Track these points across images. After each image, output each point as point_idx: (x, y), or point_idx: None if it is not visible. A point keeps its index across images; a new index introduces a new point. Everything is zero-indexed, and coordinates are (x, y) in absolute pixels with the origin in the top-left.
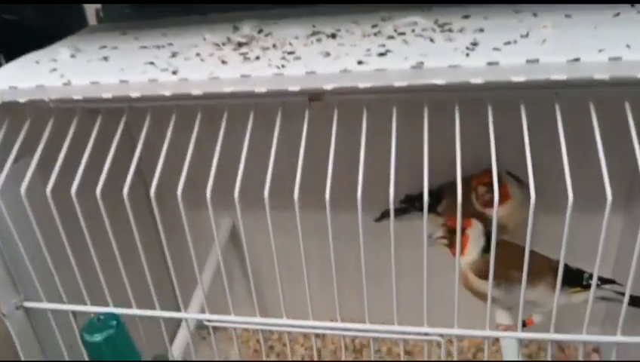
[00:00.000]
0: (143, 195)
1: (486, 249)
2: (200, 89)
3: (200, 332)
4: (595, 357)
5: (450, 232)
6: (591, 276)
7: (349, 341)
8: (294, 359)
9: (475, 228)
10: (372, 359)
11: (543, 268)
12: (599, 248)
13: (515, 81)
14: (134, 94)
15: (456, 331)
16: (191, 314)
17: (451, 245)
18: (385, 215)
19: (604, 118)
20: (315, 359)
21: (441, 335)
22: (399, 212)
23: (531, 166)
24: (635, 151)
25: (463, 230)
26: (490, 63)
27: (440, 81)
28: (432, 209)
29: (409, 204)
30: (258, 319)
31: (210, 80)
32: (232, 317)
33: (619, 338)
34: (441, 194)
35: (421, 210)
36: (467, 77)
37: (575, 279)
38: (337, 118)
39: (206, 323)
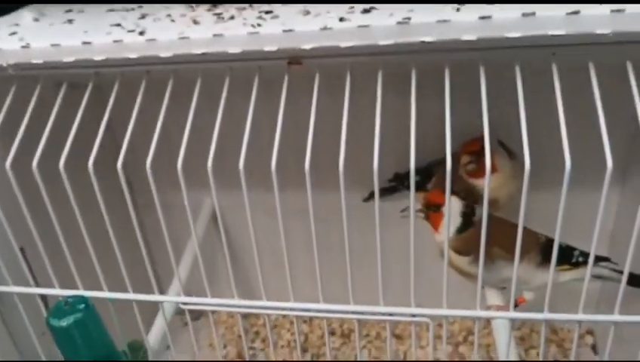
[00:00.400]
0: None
1: (461, 229)
2: (169, 50)
3: (183, 318)
4: (588, 339)
5: (428, 207)
6: (581, 253)
7: (336, 326)
8: (281, 344)
9: (452, 207)
10: (358, 343)
11: (527, 244)
12: (597, 223)
13: (510, 37)
14: (98, 57)
15: (444, 312)
16: (165, 297)
17: (428, 218)
18: (374, 194)
19: (602, 86)
20: (302, 344)
21: (430, 317)
22: (388, 191)
23: (526, 131)
24: (638, 115)
25: (439, 207)
26: (482, 18)
27: (428, 38)
28: (421, 187)
29: (398, 183)
30: (236, 301)
31: (179, 40)
32: (209, 300)
33: (616, 317)
34: (431, 171)
35: (410, 188)
36: (458, 33)
37: (564, 256)
38: (320, 85)
39: (182, 306)
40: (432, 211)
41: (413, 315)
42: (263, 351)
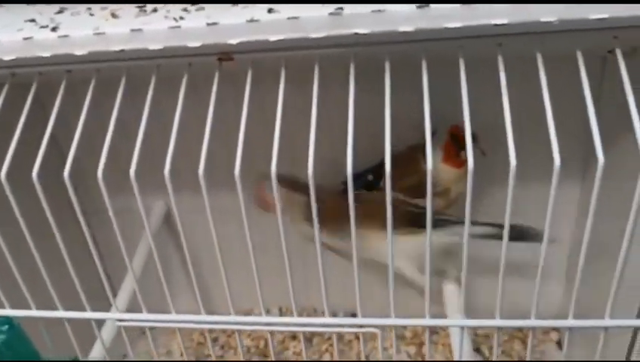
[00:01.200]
0: (55, 181)
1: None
2: (84, 48)
3: (141, 327)
4: (553, 335)
5: None
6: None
7: None
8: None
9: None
10: (304, 353)
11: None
12: (547, 217)
13: (450, 28)
14: (7, 57)
15: (392, 321)
16: (97, 314)
17: None
18: None
19: (557, 74)
20: (262, 349)
21: (378, 327)
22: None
23: (469, 126)
24: (588, 108)
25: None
26: (420, 7)
27: (363, 30)
28: (374, 186)
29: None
30: (173, 316)
31: (95, 36)
32: (146, 315)
33: (570, 322)
34: (383, 168)
35: (364, 188)
36: (394, 24)
37: (418, 221)
38: (254, 82)
39: (117, 323)
40: None
41: (361, 326)
42: (222, 357)
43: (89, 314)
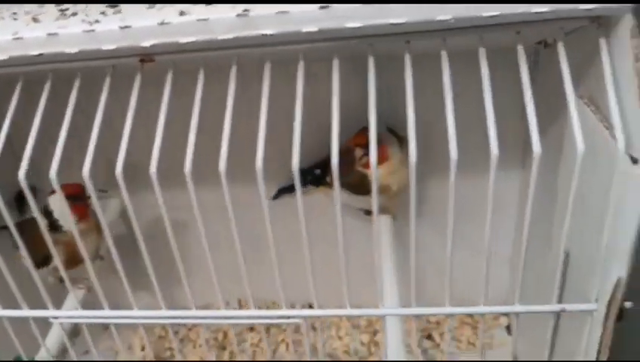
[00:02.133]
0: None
1: None
2: (4, 53)
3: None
4: (503, 321)
5: None
6: None
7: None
8: (199, 342)
9: None
10: (235, 347)
11: None
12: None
13: (352, 27)
14: None
15: (315, 312)
16: (32, 312)
17: None
18: (281, 192)
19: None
20: (221, 342)
21: (302, 317)
22: (292, 188)
23: (374, 123)
24: (485, 99)
25: None
26: (322, 8)
27: (269, 31)
28: (321, 180)
29: (302, 179)
30: (107, 312)
31: (13, 41)
32: (78, 312)
33: (482, 308)
34: (329, 163)
35: (312, 183)
36: (298, 25)
37: None
38: (177, 82)
39: (51, 320)
40: None
41: (288, 317)
42: (181, 352)
43: (26, 312)
